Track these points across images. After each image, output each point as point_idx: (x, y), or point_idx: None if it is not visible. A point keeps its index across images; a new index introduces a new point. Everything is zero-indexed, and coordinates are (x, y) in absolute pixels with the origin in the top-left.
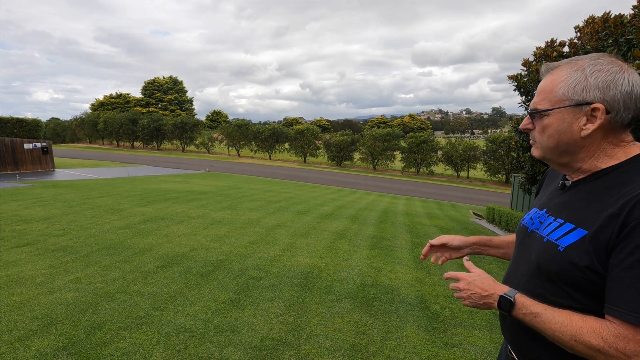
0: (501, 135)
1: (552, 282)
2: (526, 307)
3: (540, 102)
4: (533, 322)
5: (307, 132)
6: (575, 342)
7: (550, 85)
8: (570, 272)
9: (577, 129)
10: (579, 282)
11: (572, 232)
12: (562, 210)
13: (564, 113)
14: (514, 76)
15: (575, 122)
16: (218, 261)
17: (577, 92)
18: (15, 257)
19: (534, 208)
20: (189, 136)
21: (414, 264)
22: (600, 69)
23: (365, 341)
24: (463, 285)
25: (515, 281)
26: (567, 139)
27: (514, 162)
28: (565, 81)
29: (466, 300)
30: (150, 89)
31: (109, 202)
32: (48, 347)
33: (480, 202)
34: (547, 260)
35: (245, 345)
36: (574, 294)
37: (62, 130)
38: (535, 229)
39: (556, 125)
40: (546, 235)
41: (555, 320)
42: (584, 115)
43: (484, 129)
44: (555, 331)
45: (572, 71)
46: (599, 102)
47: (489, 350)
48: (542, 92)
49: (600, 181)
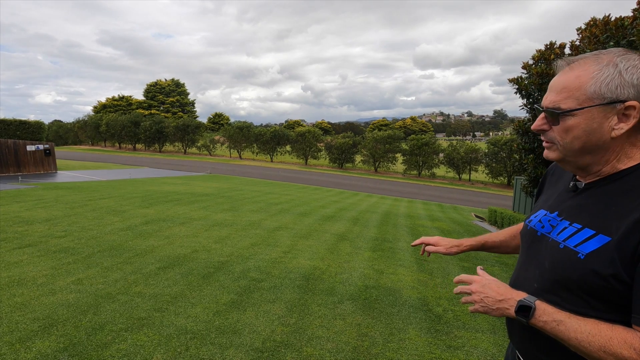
0: (503, 138)
1: (570, 290)
2: (548, 314)
3: (564, 100)
4: (555, 331)
5: (308, 135)
6: (605, 353)
7: (577, 82)
8: (592, 281)
9: (607, 129)
10: (600, 291)
11: (592, 239)
12: (578, 215)
13: (593, 112)
14: (515, 79)
15: (605, 122)
16: (219, 263)
17: (611, 90)
18: (17, 258)
19: (542, 210)
20: (191, 138)
21: (416, 266)
22: (635, 65)
23: (367, 343)
24: (476, 287)
25: (525, 288)
26: (596, 140)
27: (517, 164)
28: (597, 77)
29: (477, 305)
30: (152, 92)
31: (111, 204)
32: (49, 348)
33: (482, 204)
34: (565, 269)
35: (246, 347)
36: (594, 302)
37: (65, 132)
38: (547, 232)
39: (584, 125)
40: (562, 241)
41: (581, 330)
42: (615, 114)
43: (485, 131)
44: (581, 341)
45: (603, 66)
46: (633, 99)
47: (492, 353)
48: (564, 89)
49: (618, 184)
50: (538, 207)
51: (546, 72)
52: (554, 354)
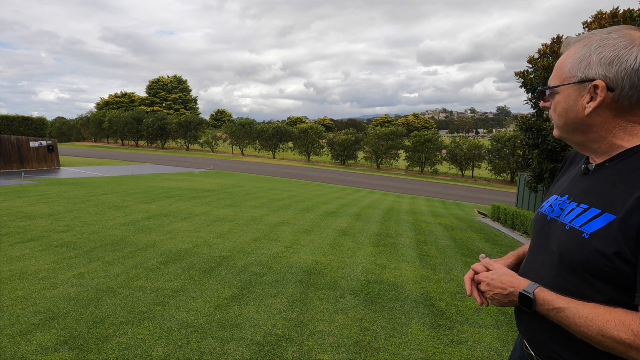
0: (506, 134)
1: (576, 272)
2: (548, 303)
3: (552, 79)
4: (557, 318)
5: (310, 131)
6: (603, 337)
7: (562, 62)
8: (596, 261)
9: (581, 107)
10: (605, 271)
11: (598, 218)
12: (586, 195)
13: (570, 90)
14: (521, 73)
15: (579, 100)
16: (221, 257)
17: (581, 69)
18: (19, 252)
19: (554, 195)
20: (193, 135)
21: (418, 261)
22: (605, 44)
23: (370, 337)
24: (484, 287)
25: (535, 274)
26: (574, 117)
27: (520, 160)
28: (573, 57)
29: (492, 302)
30: (154, 88)
31: (113, 200)
32: (50, 341)
33: (485, 201)
34: (570, 249)
35: (247, 341)
36: (600, 285)
37: (68, 129)
38: (556, 216)
39: (563, 103)
40: (568, 222)
41: (580, 315)
42: (587, 92)
43: (488, 128)
44: (580, 326)
45: (581, 47)
46: (600, 79)
47: (495, 348)
48: (555, 68)
49: (627, 162)
50: (550, 194)
51: (552, 66)
52: (561, 341)
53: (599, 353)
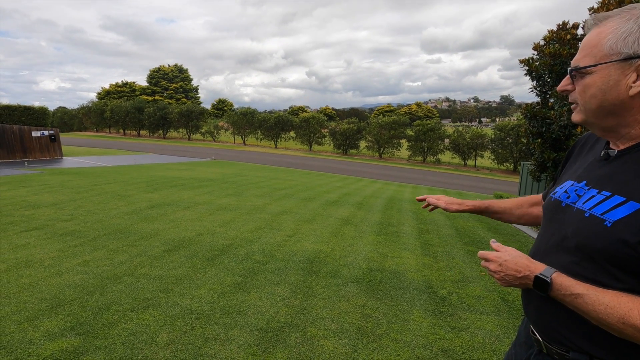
0: (510, 123)
1: (594, 261)
2: (566, 288)
3: (583, 58)
4: (574, 304)
5: (312, 121)
6: (624, 324)
7: (596, 39)
8: (618, 250)
9: (624, 87)
10: (627, 260)
11: (622, 206)
12: (608, 183)
13: (610, 69)
14: (526, 60)
15: (623, 79)
16: (224, 246)
17: (628, 45)
18: (25, 241)
19: (568, 181)
20: (195, 124)
21: (420, 250)
22: None
23: (372, 324)
24: (494, 267)
25: (547, 260)
26: (613, 99)
27: (524, 148)
28: (615, 33)
29: (500, 282)
30: (155, 77)
31: (116, 189)
32: (56, 327)
33: (488, 190)
34: (589, 237)
35: (251, 327)
36: (619, 273)
37: (70, 118)
38: (572, 202)
39: (600, 83)
40: (588, 210)
41: (600, 302)
42: (634, 70)
43: (492, 117)
44: (600, 313)
45: (624, 21)
46: None
47: (497, 335)
48: (585, 46)
49: None
50: (564, 179)
51: (559, 53)
52: (574, 327)
53: (611, 338)
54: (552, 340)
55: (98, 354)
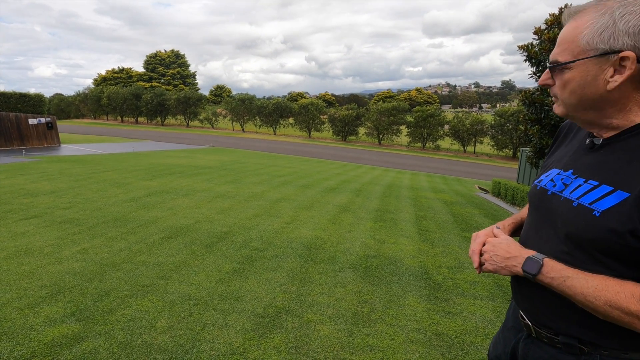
0: (510, 109)
1: (584, 250)
2: (556, 271)
3: (561, 53)
4: (562, 287)
5: (311, 107)
6: (610, 307)
7: (573, 33)
8: (607, 239)
9: (602, 82)
10: (616, 249)
11: (610, 195)
12: (595, 172)
13: (587, 65)
14: (525, 46)
15: (600, 74)
16: (222, 233)
17: (604, 40)
18: (24, 229)
19: (554, 169)
20: (193, 111)
21: (417, 236)
22: (632, 11)
23: (367, 309)
24: (487, 247)
25: (537, 248)
26: (592, 94)
27: (522, 135)
28: (590, 27)
29: (487, 263)
30: (152, 63)
31: (115, 177)
32: (57, 314)
33: (486, 176)
34: (578, 227)
35: (248, 313)
36: (609, 261)
37: (66, 105)
38: (558, 191)
39: (578, 79)
40: (576, 199)
41: (588, 285)
42: (611, 65)
43: (492, 103)
44: (587, 296)
45: (599, 15)
46: (629, 49)
47: (490, 319)
48: (563, 41)
49: None
50: (549, 167)
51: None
52: (563, 311)
53: (599, 322)
54: (542, 324)
55: (98, 339)
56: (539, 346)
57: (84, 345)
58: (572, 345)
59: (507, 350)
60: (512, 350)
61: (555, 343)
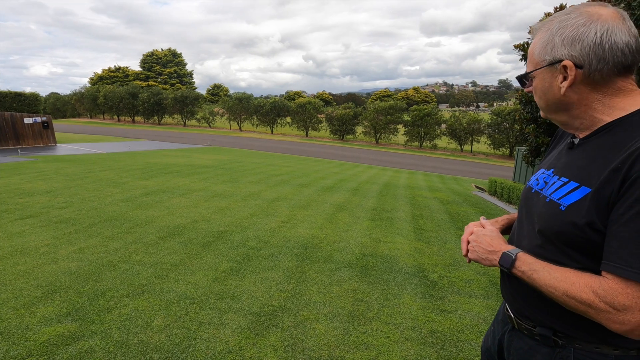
0: (507, 108)
1: (553, 243)
2: (526, 264)
3: (528, 65)
4: (531, 279)
5: (309, 106)
6: (567, 297)
7: (532, 49)
8: (569, 232)
9: (556, 87)
10: (579, 242)
11: (575, 191)
12: (567, 170)
13: (543, 73)
14: (521, 45)
15: (554, 81)
16: (219, 232)
17: (548, 52)
18: (19, 229)
19: (542, 169)
20: (190, 110)
21: (413, 235)
22: (564, 26)
23: (363, 307)
24: (473, 237)
25: (518, 243)
26: (552, 98)
27: (518, 134)
28: (540, 43)
29: (471, 252)
30: (149, 62)
31: (111, 176)
32: (53, 313)
33: (483, 175)
34: (547, 221)
35: (244, 312)
36: (574, 254)
37: (62, 104)
38: (540, 189)
39: (540, 86)
40: (549, 195)
41: (551, 277)
42: (559, 73)
43: (489, 102)
44: (549, 287)
45: (544, 32)
46: (567, 58)
47: (484, 317)
48: (529, 55)
49: (609, 136)
50: (539, 167)
51: None
52: (539, 304)
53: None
54: (522, 316)
55: (94, 338)
56: (520, 338)
57: (80, 345)
58: (547, 337)
59: (495, 342)
60: (499, 342)
61: (534, 335)
